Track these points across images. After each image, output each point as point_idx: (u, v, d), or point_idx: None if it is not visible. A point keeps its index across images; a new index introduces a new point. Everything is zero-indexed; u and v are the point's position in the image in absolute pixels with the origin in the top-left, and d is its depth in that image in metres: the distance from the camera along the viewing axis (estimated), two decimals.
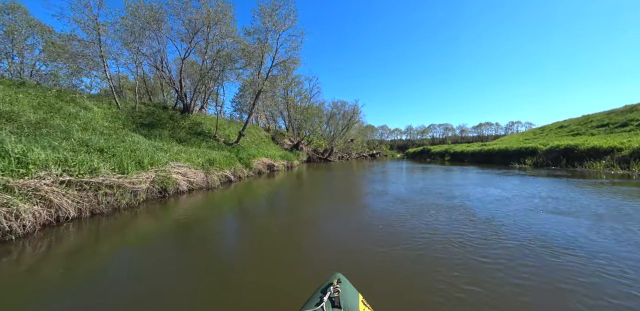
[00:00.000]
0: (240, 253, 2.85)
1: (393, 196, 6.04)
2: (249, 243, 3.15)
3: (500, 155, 14.96)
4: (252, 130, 21.25)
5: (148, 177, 4.88)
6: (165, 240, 3.25)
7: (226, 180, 8.14)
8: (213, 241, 3.20)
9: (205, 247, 2.97)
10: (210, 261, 2.55)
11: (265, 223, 3.98)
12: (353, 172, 13.50)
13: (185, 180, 6.36)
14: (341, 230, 3.56)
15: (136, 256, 2.74)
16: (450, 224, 3.64)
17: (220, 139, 13.72)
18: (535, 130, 26.62)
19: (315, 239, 3.33)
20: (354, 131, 40.68)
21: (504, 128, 75.27)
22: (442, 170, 13.33)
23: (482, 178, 8.99)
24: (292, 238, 3.32)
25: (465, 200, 5.36)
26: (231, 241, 3.29)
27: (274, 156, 13.55)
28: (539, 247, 2.73)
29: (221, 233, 3.64)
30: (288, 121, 30.54)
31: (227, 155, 9.37)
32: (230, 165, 8.92)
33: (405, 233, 3.28)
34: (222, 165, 8.16)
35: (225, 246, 3.09)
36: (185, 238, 3.30)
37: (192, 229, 3.61)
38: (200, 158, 7.67)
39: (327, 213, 4.70)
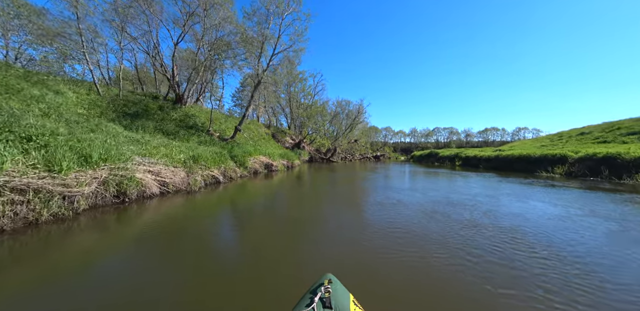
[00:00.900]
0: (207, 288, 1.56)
1: (413, 208, 4.75)
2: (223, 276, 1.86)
3: (521, 161, 13.60)
4: (252, 126, 20.00)
5: (96, 176, 3.60)
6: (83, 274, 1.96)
7: (213, 180, 6.85)
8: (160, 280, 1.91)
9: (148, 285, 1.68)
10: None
11: (245, 246, 2.69)
12: (359, 175, 12.20)
13: (159, 180, 5.08)
14: (356, 262, 2.26)
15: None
16: (528, 268, 2.32)
17: (215, 134, 12.45)
18: (550, 137, 25.17)
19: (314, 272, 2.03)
20: (357, 131, 39.39)
21: (510, 134, 73.69)
22: (458, 176, 11.99)
23: (511, 188, 7.66)
24: (286, 272, 2.02)
25: (513, 219, 4.05)
26: (189, 275, 1.99)
27: (273, 154, 12.26)
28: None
29: (178, 261, 2.35)
30: (290, 118, 29.28)
31: (217, 152, 8.08)
32: (220, 163, 7.63)
33: (465, 287, 1.98)
34: (210, 162, 6.87)
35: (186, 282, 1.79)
36: (113, 269, 2.01)
37: (132, 254, 2.32)
38: (183, 154, 6.38)
39: (332, 232, 3.40)
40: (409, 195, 6.31)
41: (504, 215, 4.41)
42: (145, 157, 5.24)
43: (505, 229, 3.55)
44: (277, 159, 12.32)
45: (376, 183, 8.88)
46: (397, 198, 5.94)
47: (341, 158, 29.87)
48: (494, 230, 3.53)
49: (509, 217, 4.26)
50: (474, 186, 8.43)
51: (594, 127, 21.79)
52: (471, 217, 4.25)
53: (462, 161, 19.95)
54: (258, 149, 11.61)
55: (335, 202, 5.71)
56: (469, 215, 4.38)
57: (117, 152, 4.26)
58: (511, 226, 3.69)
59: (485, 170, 14.88)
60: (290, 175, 11.25)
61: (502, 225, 3.74)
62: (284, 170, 12.58)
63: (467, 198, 6.10)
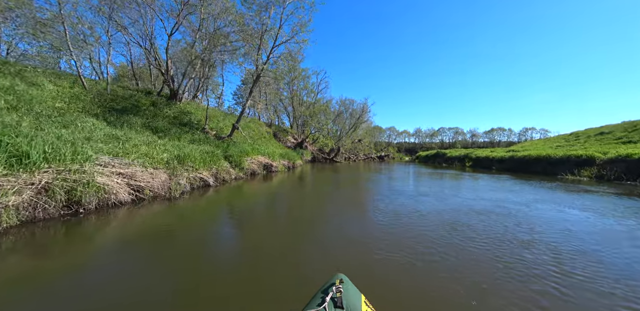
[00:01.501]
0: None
1: (431, 218, 3.87)
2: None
3: (540, 163, 12.59)
4: (252, 124, 19.19)
5: (34, 181, 2.78)
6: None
7: (202, 184, 6.01)
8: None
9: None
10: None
11: (227, 271, 1.82)
12: (364, 176, 11.30)
13: (133, 184, 4.25)
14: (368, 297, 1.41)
15: None
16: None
17: (211, 132, 11.65)
18: (565, 137, 23.97)
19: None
20: (361, 131, 38.45)
21: (517, 135, 72.08)
22: (471, 178, 11.03)
23: (538, 193, 6.69)
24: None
25: (560, 235, 3.13)
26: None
27: (273, 154, 11.42)
28: None
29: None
30: (292, 117, 28.46)
31: (209, 151, 7.25)
32: (212, 163, 6.79)
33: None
34: (198, 163, 6.03)
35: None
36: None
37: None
38: (166, 154, 5.54)
39: (337, 253, 2.52)
40: (423, 202, 5.41)
41: (545, 228, 3.51)
42: (117, 157, 4.40)
43: (557, 250, 2.64)
44: (277, 159, 11.48)
45: (384, 186, 7.98)
46: (411, 205, 5.05)
47: (344, 159, 28.98)
48: (542, 251, 2.63)
49: (554, 232, 3.36)
50: (494, 190, 7.48)
51: (613, 126, 20.61)
52: (505, 231, 3.37)
53: (473, 162, 18.94)
54: (256, 148, 10.77)
55: (338, 210, 4.83)
56: (502, 228, 3.49)
57: (71, 150, 3.44)
58: (564, 246, 2.77)
59: (499, 172, 13.87)
60: (291, 176, 10.39)
61: (550, 243, 2.83)
62: (284, 171, 11.73)
63: (493, 206, 5.20)
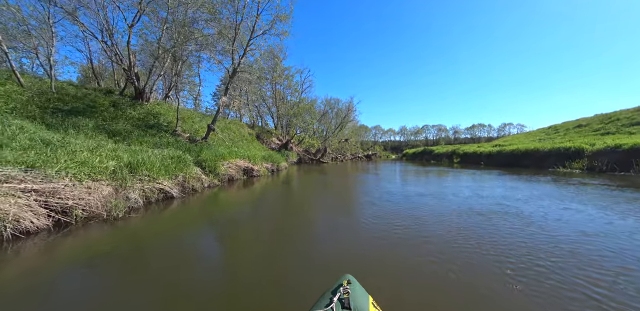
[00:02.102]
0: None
1: (432, 221, 3.15)
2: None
3: (530, 157, 12.47)
4: (233, 126, 18.00)
5: None
6: None
7: (163, 196, 4.96)
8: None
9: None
10: None
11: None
12: (354, 177, 10.58)
13: (55, 204, 3.20)
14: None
15: None
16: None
17: (183, 135, 10.46)
18: (545, 130, 24.65)
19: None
20: (347, 131, 37.93)
21: (496, 130, 74.84)
22: (463, 174, 10.62)
23: (537, 188, 6.22)
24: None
25: (581, 238, 2.51)
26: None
27: (255, 157, 10.42)
28: None
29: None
30: (276, 117, 27.38)
31: (174, 156, 6.19)
32: (178, 170, 5.74)
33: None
34: (157, 171, 4.98)
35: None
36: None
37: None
38: (114, 161, 4.47)
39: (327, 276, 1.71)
40: (421, 205, 4.74)
41: (558, 227, 2.90)
42: (34, 169, 3.33)
43: (586, 259, 1.97)
44: (259, 162, 10.49)
45: (375, 187, 7.27)
46: (409, 208, 4.35)
47: (332, 159, 28.27)
48: (567, 260, 1.96)
49: (573, 232, 2.74)
50: (490, 186, 6.98)
51: (589, 119, 21.33)
52: (517, 235, 2.71)
53: (461, 158, 18.84)
54: (235, 152, 9.74)
55: (328, 219, 4.00)
56: (509, 230, 2.92)
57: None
58: (591, 254, 2.11)
59: (488, 167, 13.66)
60: (274, 181, 9.46)
61: (573, 250, 2.17)
62: (267, 175, 10.76)
63: (494, 204, 4.64)
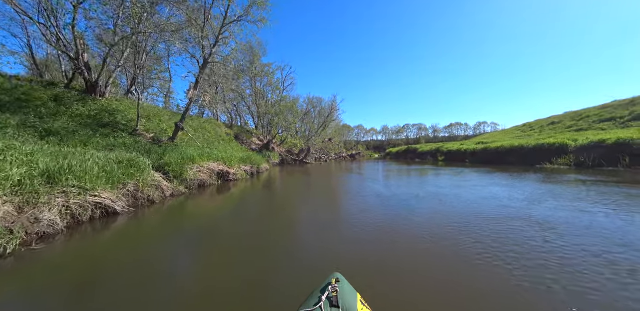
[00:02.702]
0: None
1: (443, 233, 2.45)
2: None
3: (515, 153, 12.48)
4: (208, 125, 16.59)
5: None
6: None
7: (101, 213, 3.82)
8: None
9: None
10: None
11: None
12: (340, 178, 9.83)
13: None
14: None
15: None
16: None
17: (146, 135, 9.10)
18: (520, 128, 25.57)
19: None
20: (330, 130, 37.36)
21: (472, 129, 78.09)
22: (452, 173, 10.27)
23: (536, 187, 5.83)
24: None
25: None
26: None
27: (231, 159, 9.31)
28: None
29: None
30: (257, 117, 26.07)
31: (122, 160, 5.01)
32: (127, 177, 4.60)
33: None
34: (94, 180, 3.83)
35: None
36: None
37: None
38: (23, 168, 3.30)
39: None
40: (418, 207, 4.08)
41: (599, 239, 2.28)
42: None
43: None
44: (235, 165, 9.39)
45: (366, 189, 6.54)
46: (406, 213, 3.64)
47: (315, 159, 27.47)
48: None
49: (623, 246, 2.14)
50: (484, 185, 6.53)
51: (560, 116, 22.34)
52: (543, 249, 2.05)
53: (445, 156, 18.83)
54: (207, 153, 8.58)
55: (316, 236, 3.15)
56: (532, 243, 2.18)
57: None
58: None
59: (474, 165, 13.56)
60: (253, 185, 8.44)
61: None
62: (246, 179, 9.69)
63: (499, 207, 4.11)
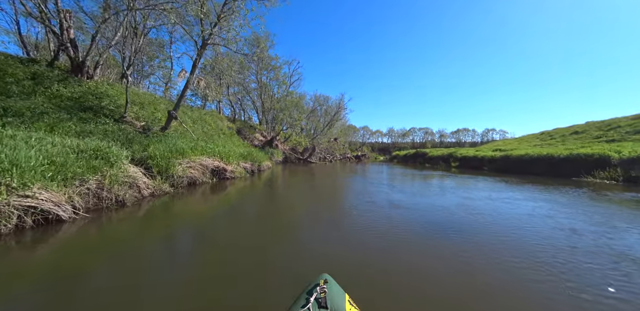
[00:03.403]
0: None
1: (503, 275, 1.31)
2: None
3: (541, 163, 11.27)
4: (209, 117, 15.57)
5: None
6: None
7: (41, 219, 2.76)
8: None
9: None
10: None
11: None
12: (349, 181, 8.72)
13: None
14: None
15: None
16: None
17: (136, 123, 8.07)
18: (538, 136, 24.24)
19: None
20: (335, 130, 36.23)
21: (480, 135, 76.45)
22: (475, 182, 9.13)
23: (614, 212, 4.69)
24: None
25: None
26: None
27: (229, 155, 8.26)
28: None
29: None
30: (261, 112, 25.03)
31: (86, 149, 3.96)
32: (90, 172, 3.55)
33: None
34: (23, 174, 2.77)
35: None
36: None
37: None
38: None
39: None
40: (456, 226, 3.02)
41: None
42: None
43: None
44: (234, 161, 8.33)
45: (379, 196, 5.44)
46: (443, 235, 2.56)
47: (319, 159, 26.39)
48: None
49: None
50: (523, 198, 5.41)
51: (583, 126, 21.01)
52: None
53: (459, 162, 17.62)
54: (202, 147, 7.53)
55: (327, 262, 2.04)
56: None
57: None
58: None
59: (494, 173, 12.37)
60: (251, 185, 7.38)
61: None
62: (245, 177, 8.63)
63: (569, 234, 2.95)
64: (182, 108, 13.95)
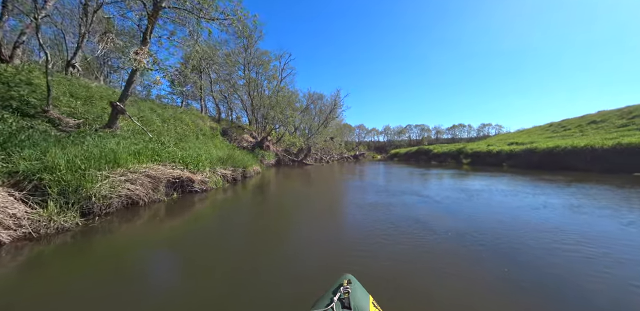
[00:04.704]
0: None
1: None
2: None
3: (579, 156, 9.53)
4: (186, 116, 13.39)
5: None
6: None
7: None
8: None
9: None
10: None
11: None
12: (357, 189, 6.73)
13: None
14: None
15: None
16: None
17: (67, 120, 5.90)
18: (548, 127, 22.75)
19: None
20: (331, 129, 34.32)
21: (476, 130, 75.71)
22: (507, 182, 7.31)
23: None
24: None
25: None
26: None
27: (199, 160, 6.18)
28: None
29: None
30: (251, 110, 22.85)
31: None
32: None
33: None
34: None
35: None
36: None
37: None
38: None
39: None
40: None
41: None
42: None
43: None
44: (206, 168, 6.25)
45: (409, 211, 3.49)
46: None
47: (315, 160, 24.40)
48: None
49: None
50: (603, 208, 3.53)
51: (598, 114, 19.59)
52: None
53: (471, 158, 15.88)
54: (157, 150, 5.43)
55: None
56: None
57: None
58: None
59: (517, 170, 10.62)
60: (227, 199, 5.32)
61: None
62: (223, 188, 6.57)
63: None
64: (151, 105, 11.77)
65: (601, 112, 20.26)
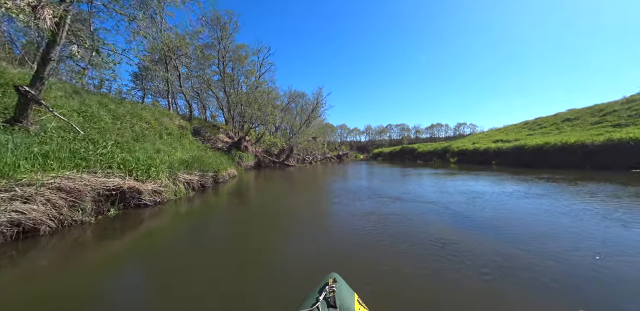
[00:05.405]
0: None
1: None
2: None
3: (570, 154, 9.33)
4: (147, 113, 11.62)
5: None
6: None
7: None
8: None
9: None
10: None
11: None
12: (345, 193, 5.71)
13: None
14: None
15: None
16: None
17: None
18: (524, 125, 23.46)
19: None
20: (313, 129, 33.29)
21: (452, 130, 78.61)
22: (528, 183, 6.76)
23: None
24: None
25: None
26: None
27: (150, 165, 4.80)
28: None
29: None
30: (227, 109, 21.12)
31: None
32: None
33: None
34: None
35: None
36: None
37: None
38: None
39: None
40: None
41: None
42: None
43: None
44: (161, 174, 4.89)
45: (418, 220, 2.56)
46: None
47: (298, 161, 23.22)
48: None
49: None
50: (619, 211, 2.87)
51: (568, 113, 20.44)
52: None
53: (458, 157, 15.63)
54: (78, 151, 4.02)
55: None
56: None
57: None
58: None
59: (507, 168, 10.31)
60: (179, 217, 4.02)
61: None
62: (186, 197, 5.24)
63: None
64: (102, 99, 9.92)
65: (572, 110, 21.18)
